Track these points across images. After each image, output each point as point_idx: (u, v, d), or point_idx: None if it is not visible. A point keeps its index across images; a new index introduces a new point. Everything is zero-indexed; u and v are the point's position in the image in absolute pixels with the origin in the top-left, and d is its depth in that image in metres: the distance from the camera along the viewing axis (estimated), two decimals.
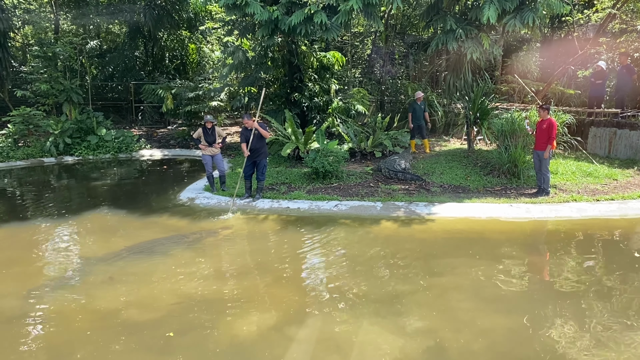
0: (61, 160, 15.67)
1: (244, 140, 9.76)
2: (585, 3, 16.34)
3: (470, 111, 12.99)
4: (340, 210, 9.15)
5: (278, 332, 4.93)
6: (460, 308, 5.35)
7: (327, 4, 11.61)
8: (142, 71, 22.94)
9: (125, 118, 21.74)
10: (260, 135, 9.74)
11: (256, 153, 9.79)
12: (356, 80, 21.07)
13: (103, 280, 6.23)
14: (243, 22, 14.24)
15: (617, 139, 12.46)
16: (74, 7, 22.18)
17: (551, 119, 9.37)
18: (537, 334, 4.77)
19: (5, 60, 18.59)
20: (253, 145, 9.71)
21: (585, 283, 6.00)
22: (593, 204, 8.99)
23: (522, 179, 10.44)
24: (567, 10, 12.15)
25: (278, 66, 15.55)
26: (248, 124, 9.74)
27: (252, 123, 9.69)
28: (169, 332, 4.91)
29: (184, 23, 22.39)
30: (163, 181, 12.89)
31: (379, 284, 6.05)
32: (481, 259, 6.79)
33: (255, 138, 9.67)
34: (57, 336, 4.98)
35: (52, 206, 10.12)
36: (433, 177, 11.18)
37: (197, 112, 17.13)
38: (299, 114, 14.85)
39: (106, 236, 8.09)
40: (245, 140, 9.74)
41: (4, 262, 6.95)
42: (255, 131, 9.66)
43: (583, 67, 15.47)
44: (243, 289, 5.99)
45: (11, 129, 15.91)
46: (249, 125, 9.73)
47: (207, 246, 7.63)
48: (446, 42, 12.14)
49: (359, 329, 4.94)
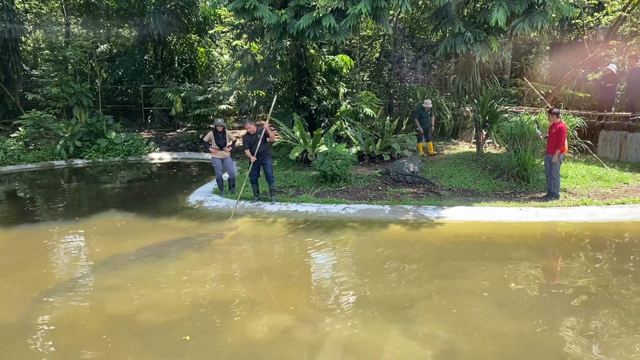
0: (71, 163, 15.79)
1: (248, 146, 9.75)
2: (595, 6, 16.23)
3: (479, 114, 12.94)
4: (349, 213, 9.14)
5: (288, 336, 4.92)
6: (471, 312, 5.32)
7: (336, 8, 11.62)
8: (151, 75, 23.10)
9: (134, 121, 21.89)
10: (264, 138, 9.71)
11: (261, 156, 9.78)
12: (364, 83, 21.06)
13: (113, 283, 6.26)
14: (252, 26, 14.30)
15: (627, 142, 12.35)
16: (84, 11, 22.40)
17: (561, 123, 9.27)
18: (548, 339, 4.73)
19: (16, 64, 18.79)
20: (259, 149, 9.69)
21: (596, 288, 5.94)
22: (603, 207, 8.91)
23: (531, 182, 10.37)
24: (576, 14, 12.10)
25: (286, 69, 15.59)
26: (250, 129, 9.74)
27: (254, 128, 9.68)
28: (184, 336, 4.91)
29: (193, 27, 22.52)
30: (172, 184, 12.95)
31: (389, 287, 6.03)
32: (491, 263, 6.75)
33: (261, 142, 9.65)
34: (69, 339, 5.00)
35: (62, 209, 10.21)
36: (442, 180, 11.14)
37: (206, 116, 17.22)
38: (307, 117, 14.88)
39: (115, 239, 8.13)
40: (249, 147, 9.73)
41: (15, 264, 7.01)
42: (260, 135, 9.64)
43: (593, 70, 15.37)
44: (252, 292, 6.00)
45: (22, 132, 16.08)
46: (252, 130, 9.74)
47: (216, 249, 7.65)
48: (455, 45, 12.11)
49: (369, 333, 4.93)
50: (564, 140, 9.26)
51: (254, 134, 9.72)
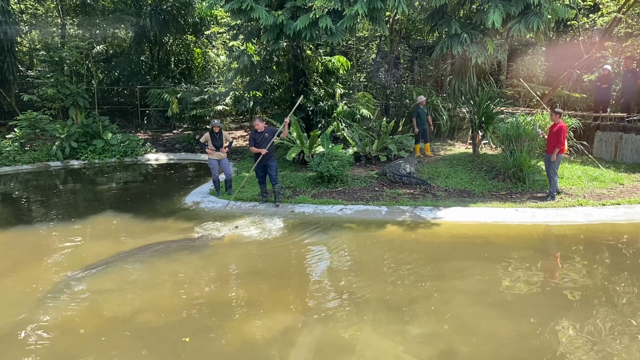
0: (67, 164, 15.75)
1: (253, 143, 9.71)
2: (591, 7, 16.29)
3: (475, 115, 12.97)
4: (345, 214, 9.15)
5: (286, 337, 4.92)
6: (467, 313, 5.34)
7: (332, 9, 11.64)
8: (147, 75, 23.07)
9: (131, 122, 21.85)
10: (270, 138, 9.66)
11: (266, 156, 9.72)
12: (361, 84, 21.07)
13: (109, 285, 6.25)
14: (248, 27, 14.30)
15: (623, 143, 12.41)
16: (80, 12, 22.36)
17: (561, 123, 9.41)
18: (545, 339, 4.75)
19: (12, 64, 18.74)
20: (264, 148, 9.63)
21: (592, 288, 5.97)
22: (599, 208, 8.95)
23: (527, 183, 10.41)
24: (572, 15, 12.13)
25: (283, 70, 15.60)
26: (259, 127, 9.67)
27: (263, 126, 9.66)
28: (183, 337, 4.90)
29: (189, 28, 22.51)
30: (168, 185, 12.93)
31: (386, 288, 6.04)
32: (487, 263, 6.77)
33: (266, 142, 9.61)
34: (67, 342, 4.98)
35: (58, 210, 10.18)
36: (438, 181, 11.16)
37: (202, 116, 17.20)
38: (304, 118, 14.88)
39: (112, 240, 8.11)
40: (253, 143, 9.70)
41: (10, 266, 6.98)
42: (266, 134, 9.60)
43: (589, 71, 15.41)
44: (249, 293, 6.00)
45: (18, 133, 16.03)
46: (260, 127, 9.69)
47: (212, 250, 7.64)
48: (451, 46, 12.13)
49: (366, 334, 4.93)
50: (563, 139, 9.39)
51: (261, 132, 9.65)
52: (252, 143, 9.72)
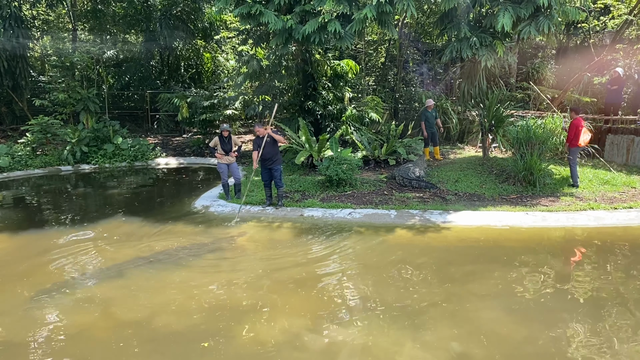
0: (78, 169, 15.87)
1: (256, 148, 9.83)
2: (602, 10, 16.19)
3: (485, 119, 12.92)
4: (354, 218, 9.13)
5: (300, 343, 4.90)
6: (481, 317, 5.29)
7: (341, 13, 11.66)
8: (157, 80, 23.23)
9: (141, 126, 22.00)
10: (273, 142, 9.78)
11: (270, 161, 9.83)
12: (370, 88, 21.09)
13: (121, 289, 6.27)
14: (257, 31, 14.37)
15: (635, 146, 12.29)
16: (91, 18, 22.56)
17: (575, 120, 10.09)
18: (558, 344, 4.70)
19: (24, 70, 18.93)
20: (266, 153, 9.73)
21: (605, 293, 5.89)
22: (611, 212, 8.86)
23: (538, 187, 10.32)
24: (582, 17, 12.07)
25: (292, 75, 15.64)
26: (260, 132, 9.85)
27: (264, 131, 9.77)
28: (197, 343, 4.91)
29: (199, 32, 22.65)
30: (178, 189, 12.98)
31: (398, 292, 6.00)
32: (499, 267, 6.72)
33: (268, 146, 9.70)
34: (81, 347, 5.00)
35: (69, 214, 10.25)
36: (448, 185, 11.12)
37: (212, 121, 17.29)
38: (313, 122, 14.90)
39: (122, 244, 8.15)
40: (257, 149, 9.80)
41: (22, 270, 7.03)
42: (267, 138, 9.69)
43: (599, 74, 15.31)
44: (261, 298, 5.98)
45: (29, 138, 16.19)
46: (261, 133, 9.81)
47: (223, 254, 7.65)
48: (460, 49, 12.10)
49: (379, 338, 4.90)
50: (579, 134, 10.01)
51: (262, 137, 9.77)
52: (255, 147, 9.93)
